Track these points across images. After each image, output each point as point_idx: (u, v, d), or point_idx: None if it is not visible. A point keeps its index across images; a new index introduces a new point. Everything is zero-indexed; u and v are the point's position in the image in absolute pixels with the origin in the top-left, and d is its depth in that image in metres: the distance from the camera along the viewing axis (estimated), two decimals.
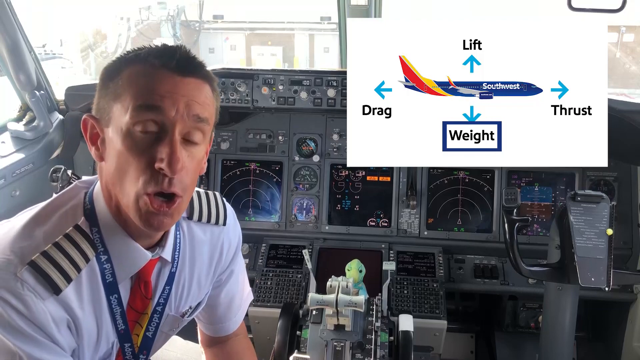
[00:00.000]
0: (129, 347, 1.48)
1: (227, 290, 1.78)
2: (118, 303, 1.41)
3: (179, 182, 1.26)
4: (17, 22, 2.67)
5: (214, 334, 1.87)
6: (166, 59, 1.27)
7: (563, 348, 2.47)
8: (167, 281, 1.51)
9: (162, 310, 1.53)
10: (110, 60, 1.34)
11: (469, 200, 3.01)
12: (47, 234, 1.31)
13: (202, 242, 1.61)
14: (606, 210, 2.23)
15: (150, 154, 1.23)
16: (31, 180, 2.81)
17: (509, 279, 2.90)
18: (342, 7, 3.10)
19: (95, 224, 1.36)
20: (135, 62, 1.28)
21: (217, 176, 3.11)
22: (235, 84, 2.91)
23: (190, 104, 1.27)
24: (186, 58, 1.30)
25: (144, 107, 1.23)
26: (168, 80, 1.26)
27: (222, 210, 1.65)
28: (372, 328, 2.00)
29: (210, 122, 1.34)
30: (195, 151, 1.31)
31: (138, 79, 1.26)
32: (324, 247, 2.97)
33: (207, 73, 1.35)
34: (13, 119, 2.98)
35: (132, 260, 1.40)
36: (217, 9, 18.30)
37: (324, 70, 2.92)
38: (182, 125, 1.26)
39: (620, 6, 2.41)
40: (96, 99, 1.33)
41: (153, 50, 1.30)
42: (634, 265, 2.88)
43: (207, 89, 1.33)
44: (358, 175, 3.08)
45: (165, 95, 1.24)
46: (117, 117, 1.26)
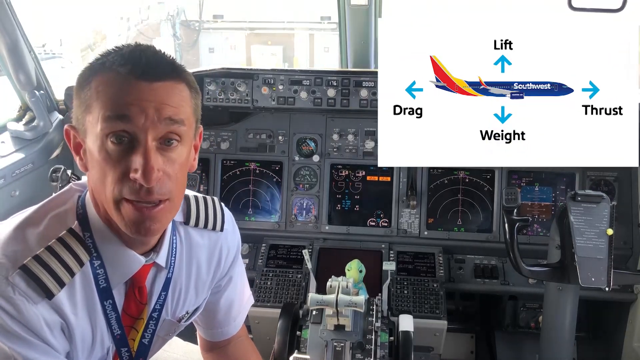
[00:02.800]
0: (125, 352, 1.47)
1: (226, 296, 1.76)
2: (113, 308, 1.39)
3: (158, 189, 1.24)
4: (17, 22, 2.67)
5: (213, 339, 1.85)
6: (131, 67, 1.22)
7: (563, 348, 2.47)
8: (163, 287, 1.50)
9: (158, 316, 1.51)
10: (83, 68, 1.31)
11: (469, 200, 3.01)
12: (39, 237, 1.30)
13: (199, 248, 1.59)
14: (606, 210, 2.23)
15: (124, 164, 1.21)
16: (31, 180, 2.81)
17: (509, 279, 2.90)
18: (342, 7, 3.11)
19: (87, 228, 1.35)
20: (102, 71, 1.25)
21: (217, 176, 3.10)
22: (235, 84, 2.90)
23: (161, 108, 1.23)
24: (154, 62, 1.26)
25: (113, 118, 1.20)
26: (135, 88, 1.22)
27: (219, 216, 1.63)
28: (372, 328, 2.00)
29: (188, 122, 1.30)
30: (174, 155, 1.27)
31: (105, 89, 1.22)
32: (324, 247, 2.97)
33: (179, 72, 1.30)
34: (13, 119, 2.98)
35: (125, 266, 1.38)
36: (217, 9, 18.29)
37: (324, 70, 2.92)
38: (155, 131, 1.22)
39: (620, 6, 2.42)
40: (74, 108, 1.31)
41: (119, 56, 1.25)
42: (634, 265, 2.87)
43: (180, 88, 1.28)
44: (358, 175, 3.08)
45: (132, 104, 1.20)
46: (90, 128, 1.24)
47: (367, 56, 3.25)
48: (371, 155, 3.06)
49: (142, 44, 1.31)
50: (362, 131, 3.07)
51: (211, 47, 18.55)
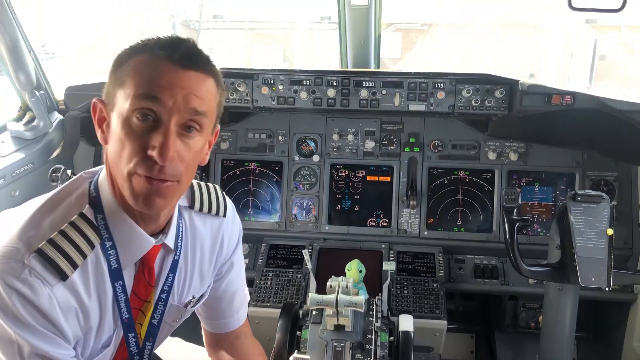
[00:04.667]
0: (133, 338, 1.51)
1: (228, 283, 1.80)
2: (122, 290, 1.44)
3: (171, 170, 1.29)
4: (17, 22, 2.66)
5: (218, 331, 1.87)
6: (170, 51, 1.29)
7: (563, 348, 2.47)
8: (170, 269, 1.54)
9: (166, 297, 1.56)
10: (123, 49, 1.37)
11: (469, 200, 3.01)
12: (53, 222, 1.35)
13: (202, 233, 1.64)
14: (606, 210, 2.23)
15: (144, 140, 1.27)
16: (31, 180, 2.81)
17: (509, 279, 2.90)
18: (342, 7, 3.10)
19: (100, 210, 1.40)
20: (142, 51, 1.32)
21: (217, 176, 3.10)
22: (235, 84, 2.90)
23: (189, 97, 1.29)
24: (191, 51, 1.33)
25: (143, 97, 1.27)
26: (169, 72, 1.28)
27: (222, 202, 1.69)
28: (372, 328, 2.00)
29: (210, 115, 1.36)
30: (192, 142, 1.33)
31: (142, 68, 1.29)
32: (324, 247, 2.97)
33: (211, 67, 1.37)
34: (13, 119, 2.98)
35: (136, 246, 1.43)
36: (217, 9, 18.28)
37: (324, 70, 2.92)
38: (179, 116, 1.29)
39: (620, 6, 2.42)
40: (106, 84, 1.37)
41: (160, 42, 1.33)
42: (634, 265, 2.87)
43: (209, 82, 1.35)
44: (358, 175, 3.08)
45: (165, 87, 1.27)
46: (120, 103, 1.30)
47: (367, 56, 3.25)
48: (371, 155, 3.07)
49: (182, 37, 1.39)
50: (362, 131, 3.07)
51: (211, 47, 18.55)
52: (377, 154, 3.07)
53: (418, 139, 3.05)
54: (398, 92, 2.83)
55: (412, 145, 3.05)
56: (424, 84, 2.82)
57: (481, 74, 2.80)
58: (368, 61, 3.27)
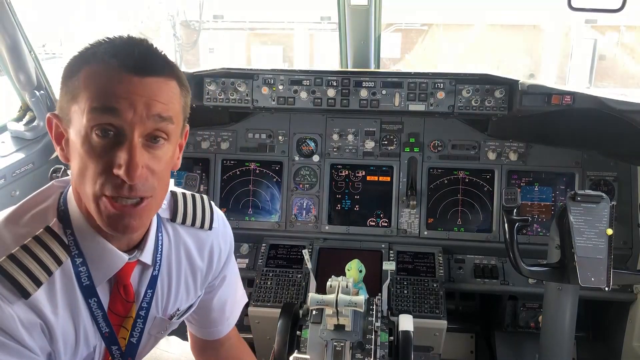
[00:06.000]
0: (116, 350, 1.45)
1: (220, 296, 1.76)
2: (98, 306, 1.36)
3: (142, 186, 1.21)
4: (17, 22, 2.67)
5: (206, 338, 1.85)
6: (124, 58, 1.18)
7: (563, 348, 2.47)
8: (148, 285, 1.46)
9: (145, 314, 1.48)
10: (72, 57, 1.26)
11: (469, 200, 3.01)
12: (17, 235, 1.26)
13: (188, 245, 1.56)
14: (606, 210, 2.23)
15: (108, 158, 1.17)
16: (31, 180, 2.81)
17: (509, 279, 2.90)
18: (342, 7, 3.10)
19: (69, 225, 1.31)
20: (92, 61, 1.20)
21: (217, 176, 3.10)
22: (235, 84, 2.90)
23: (150, 104, 1.19)
24: (145, 56, 1.22)
25: (100, 110, 1.16)
26: (125, 81, 1.17)
27: (208, 214, 1.59)
28: (372, 328, 2.00)
29: (176, 120, 1.27)
30: (160, 152, 1.24)
31: (94, 79, 1.18)
32: (324, 247, 2.97)
33: (172, 69, 1.27)
34: (13, 119, 2.98)
35: (108, 263, 1.34)
36: (217, 9, 18.28)
37: (324, 70, 2.92)
38: (142, 127, 1.19)
39: (620, 6, 2.42)
40: (59, 98, 1.27)
41: (111, 47, 1.21)
42: (634, 265, 2.88)
43: (171, 85, 1.25)
44: (358, 175, 3.08)
45: (122, 97, 1.17)
46: (76, 119, 1.20)
47: (367, 56, 3.25)
48: (371, 155, 3.07)
49: (135, 37, 1.27)
50: (362, 131, 3.08)
51: (211, 47, 18.55)
52: (377, 154, 3.07)
53: (418, 139, 3.05)
54: (398, 92, 2.84)
55: (412, 145, 3.05)
56: (424, 84, 2.82)
57: (481, 74, 2.80)
58: (368, 61, 3.27)
